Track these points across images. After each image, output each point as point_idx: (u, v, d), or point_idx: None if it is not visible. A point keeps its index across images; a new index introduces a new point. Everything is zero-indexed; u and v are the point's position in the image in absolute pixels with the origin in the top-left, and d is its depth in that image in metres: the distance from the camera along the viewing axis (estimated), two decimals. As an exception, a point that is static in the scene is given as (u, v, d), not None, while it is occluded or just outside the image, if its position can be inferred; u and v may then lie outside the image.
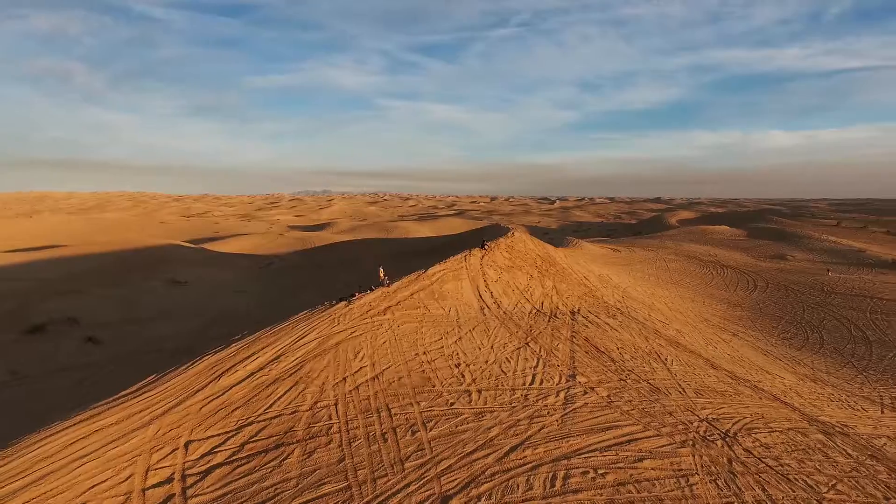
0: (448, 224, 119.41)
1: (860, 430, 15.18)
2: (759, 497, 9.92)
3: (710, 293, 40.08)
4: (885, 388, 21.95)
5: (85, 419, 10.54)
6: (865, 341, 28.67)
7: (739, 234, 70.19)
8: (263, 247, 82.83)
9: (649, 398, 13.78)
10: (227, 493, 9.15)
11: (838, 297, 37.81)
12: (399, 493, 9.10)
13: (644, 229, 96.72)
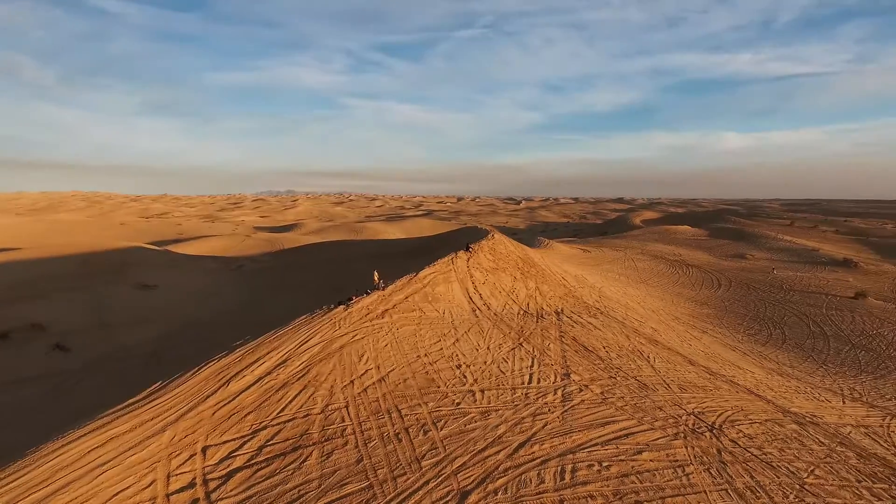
0: (417, 225, 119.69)
1: (828, 420, 16.35)
2: (749, 483, 10.73)
3: (678, 292, 41.68)
4: (843, 381, 23.47)
5: (98, 427, 10.55)
6: (823, 336, 30.46)
7: (701, 234, 72.91)
8: (231, 249, 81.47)
9: (639, 394, 14.56)
10: (252, 496, 9.38)
11: (797, 295, 39.92)
12: (419, 491, 9.51)
13: (610, 229, 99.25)
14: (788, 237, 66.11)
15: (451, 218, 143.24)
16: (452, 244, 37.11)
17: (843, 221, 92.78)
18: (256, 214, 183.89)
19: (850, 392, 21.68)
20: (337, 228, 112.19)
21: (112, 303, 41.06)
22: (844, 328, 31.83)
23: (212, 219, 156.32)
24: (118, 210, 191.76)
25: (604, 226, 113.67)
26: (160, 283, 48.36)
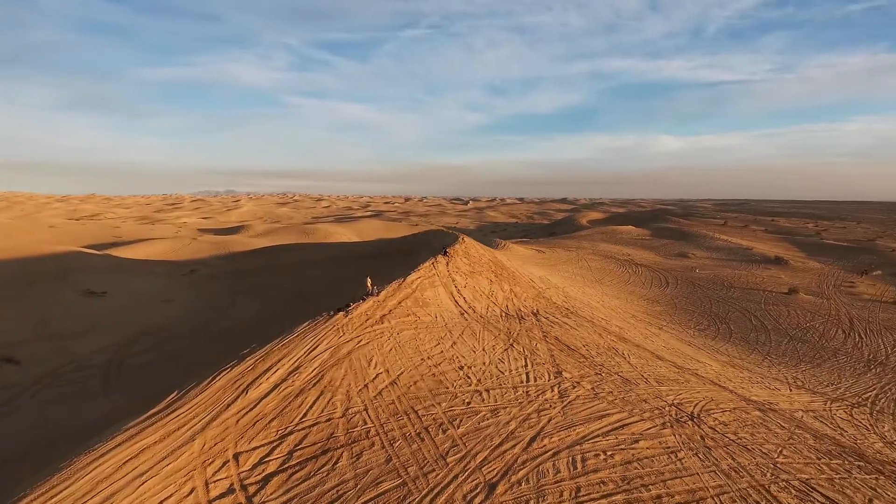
0: (368, 226, 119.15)
1: (783, 407, 18.25)
2: (732, 465, 12.13)
3: (631, 290, 44.05)
4: (787, 370, 25.87)
5: (127, 439, 10.68)
6: (765, 330, 33.21)
7: (645, 234, 76.75)
8: (177, 252, 78.56)
9: (624, 389, 15.85)
10: (292, 499, 9.86)
11: (737, 291, 43.10)
12: (451, 485, 10.28)
13: (558, 229, 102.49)
14: (724, 236, 70.72)
15: (401, 219, 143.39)
16: (418, 247, 37.76)
17: (770, 221, 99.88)
18: (197, 215, 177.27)
19: (794, 380, 23.98)
20: (286, 230, 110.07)
21: (59, 311, 39.22)
22: (782, 322, 34.79)
23: (150, 221, 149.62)
24: (43, 211, 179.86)
25: (552, 226, 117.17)
26: (108, 289, 46.47)
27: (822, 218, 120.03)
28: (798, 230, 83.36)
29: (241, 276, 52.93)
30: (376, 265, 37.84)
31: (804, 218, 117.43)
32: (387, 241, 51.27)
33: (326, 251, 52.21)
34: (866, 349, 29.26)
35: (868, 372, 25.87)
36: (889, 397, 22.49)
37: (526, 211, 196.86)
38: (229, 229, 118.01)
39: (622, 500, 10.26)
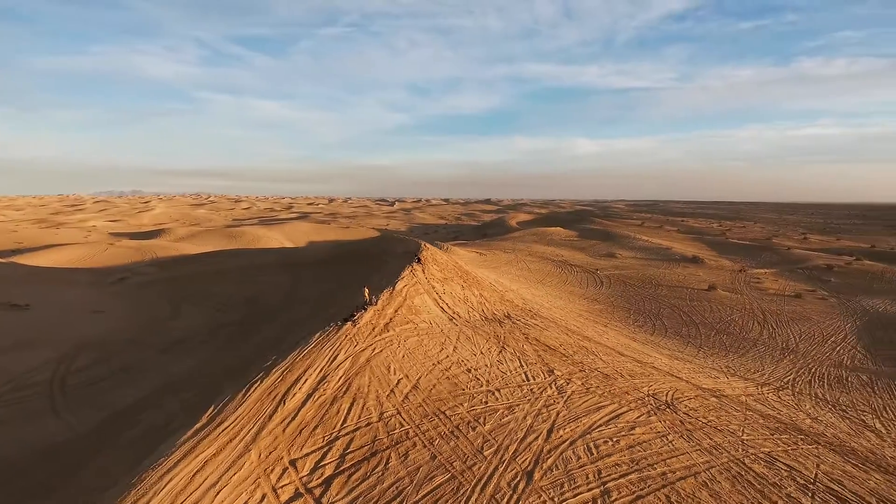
0: (297, 228, 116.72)
1: (729, 393, 21.08)
2: (712, 444, 14.38)
3: (571, 290, 47.11)
4: (719, 360, 29.26)
5: (186, 453, 11.13)
6: (693, 324, 36.99)
7: (573, 235, 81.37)
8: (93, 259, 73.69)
9: (607, 383, 17.89)
10: (357, 498, 10.83)
11: (664, 289, 47.31)
12: (494, 475, 11.66)
13: (489, 231, 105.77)
14: (645, 237, 76.57)
15: (328, 221, 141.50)
16: (379, 254, 38.53)
17: (681, 221, 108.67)
18: (104, 218, 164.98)
19: (728, 369, 27.28)
20: (210, 234, 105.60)
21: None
22: (707, 316, 38.86)
23: (51, 224, 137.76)
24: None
25: (482, 227, 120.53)
26: (31, 301, 43.56)
27: (723, 218, 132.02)
28: (706, 230, 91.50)
29: (180, 284, 51.05)
30: (333, 271, 38.23)
31: (709, 218, 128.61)
32: (339, 247, 51.40)
33: (272, 256, 51.48)
34: (779, 339, 33.51)
35: (784, 359, 29.80)
36: (804, 380, 26.20)
37: (453, 212, 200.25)
38: (147, 233, 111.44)
39: (637, 478, 12.09)
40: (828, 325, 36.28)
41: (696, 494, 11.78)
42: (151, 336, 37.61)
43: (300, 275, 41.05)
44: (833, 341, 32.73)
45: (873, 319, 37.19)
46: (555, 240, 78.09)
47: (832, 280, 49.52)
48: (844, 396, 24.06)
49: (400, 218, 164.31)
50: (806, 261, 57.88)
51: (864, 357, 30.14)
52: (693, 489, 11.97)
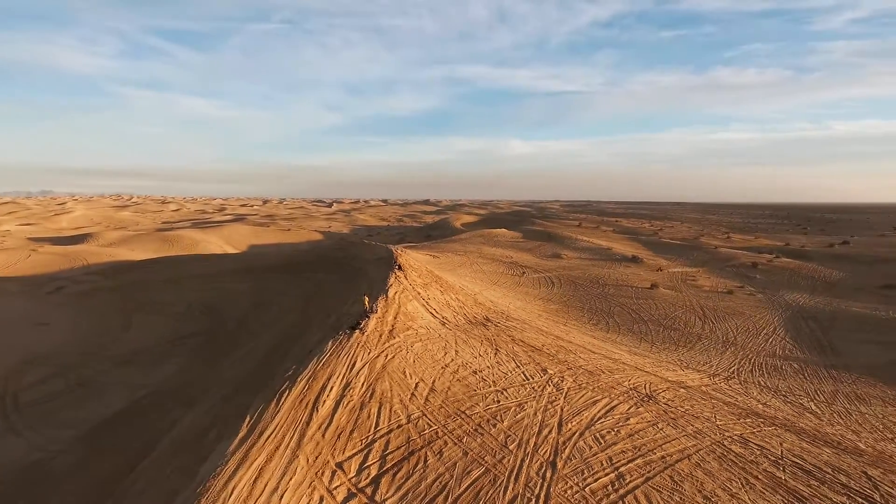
0: (236, 231, 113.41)
1: (691, 384, 23.43)
2: (695, 429, 16.34)
3: (525, 292, 49.20)
4: (671, 354, 31.92)
5: (240, 463, 11.67)
6: (643, 321, 39.84)
7: (518, 237, 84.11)
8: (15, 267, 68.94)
9: (594, 379, 19.63)
10: (407, 494, 11.81)
11: (611, 288, 50.34)
12: (524, 466, 12.96)
13: (434, 233, 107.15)
14: (586, 238, 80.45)
15: (267, 223, 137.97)
16: (342, 260, 38.88)
17: (615, 222, 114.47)
18: (16, 221, 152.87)
19: (681, 362, 29.91)
20: (143, 238, 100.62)
21: (-88, 342, 34.26)
22: (653, 313, 41.90)
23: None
24: None
25: (427, 229, 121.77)
26: (-37, 313, 41.00)
27: (653, 218, 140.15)
28: (639, 230, 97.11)
29: (128, 293, 49.17)
30: (304, 278, 38.23)
31: (640, 218, 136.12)
32: (299, 253, 51.01)
33: (228, 263, 50.39)
34: (719, 333, 36.81)
35: (726, 351, 32.89)
36: (746, 370, 29.17)
37: (393, 213, 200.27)
38: (70, 238, 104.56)
39: (642, 462, 13.75)
40: (759, 318, 40.10)
41: (692, 474, 13.57)
42: (106, 348, 36.32)
43: (263, 282, 40.66)
44: (765, 333, 36.31)
45: (796, 312, 41.48)
46: (501, 241, 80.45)
47: (757, 277, 54.48)
48: (782, 383, 27.07)
49: (341, 220, 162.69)
50: (733, 259, 63.08)
51: (792, 347, 33.74)
52: (689, 469, 13.76)
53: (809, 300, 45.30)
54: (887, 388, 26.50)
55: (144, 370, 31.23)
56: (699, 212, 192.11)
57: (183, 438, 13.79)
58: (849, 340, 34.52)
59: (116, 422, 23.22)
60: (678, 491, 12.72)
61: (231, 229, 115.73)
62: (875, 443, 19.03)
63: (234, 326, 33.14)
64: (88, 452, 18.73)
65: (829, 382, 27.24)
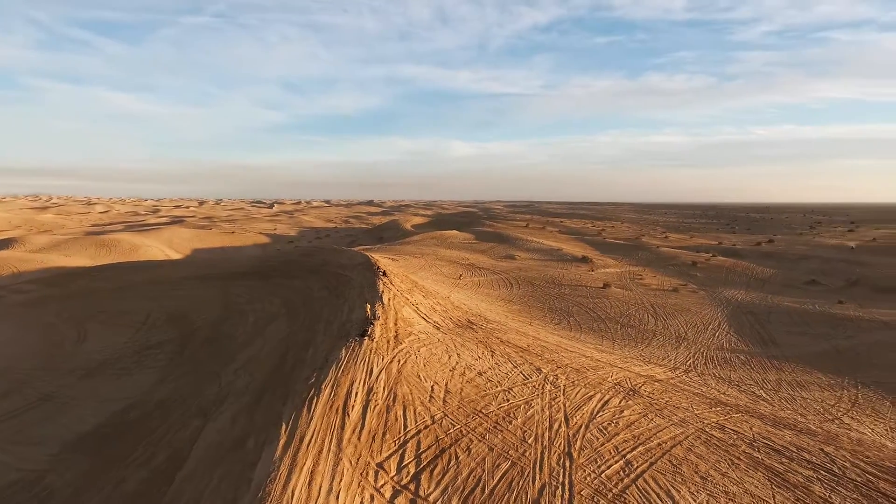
0: (177, 235, 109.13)
1: (660, 378, 25.58)
2: (680, 418, 18.24)
3: (486, 293, 50.82)
4: (632, 351, 34.29)
5: (290, 467, 12.31)
6: (601, 319, 42.29)
7: (470, 238, 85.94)
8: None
9: (582, 376, 21.27)
10: (447, 488, 12.86)
11: (567, 288, 52.83)
12: (544, 458, 14.28)
13: (385, 235, 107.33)
14: (535, 239, 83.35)
15: (208, 226, 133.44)
16: (316, 266, 38.93)
17: (560, 222, 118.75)
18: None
19: (643, 358, 32.24)
20: (76, 243, 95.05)
21: None
22: (609, 312, 44.49)
23: None
24: None
25: (377, 231, 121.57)
26: None
27: (594, 218, 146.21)
28: (584, 230, 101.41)
29: (77, 302, 47.08)
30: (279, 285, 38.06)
31: (582, 219, 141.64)
32: (264, 259, 50.33)
33: (186, 269, 49.05)
34: (671, 329, 39.70)
35: (680, 346, 35.64)
36: (701, 363, 31.86)
37: (338, 214, 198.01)
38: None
39: (643, 450, 15.41)
40: (704, 314, 43.45)
41: (687, 457, 15.34)
42: (64, 361, 34.97)
43: (229, 289, 40.09)
44: (712, 328, 39.50)
45: (736, 308, 45.23)
46: (454, 243, 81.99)
47: (698, 275, 58.66)
48: (734, 374, 29.80)
49: (285, 221, 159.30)
50: (675, 258, 67.44)
51: (737, 340, 36.95)
52: (683, 454, 15.53)
53: (746, 296, 49.40)
54: (821, 375, 29.69)
55: (114, 382, 30.42)
56: (637, 212, 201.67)
57: (217, 448, 14.08)
58: (784, 333, 38.15)
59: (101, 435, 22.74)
60: (678, 473, 14.41)
61: (171, 232, 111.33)
62: (821, 424, 21.68)
63: (208, 335, 32.74)
64: (87, 468, 18.50)
65: (773, 372, 30.17)
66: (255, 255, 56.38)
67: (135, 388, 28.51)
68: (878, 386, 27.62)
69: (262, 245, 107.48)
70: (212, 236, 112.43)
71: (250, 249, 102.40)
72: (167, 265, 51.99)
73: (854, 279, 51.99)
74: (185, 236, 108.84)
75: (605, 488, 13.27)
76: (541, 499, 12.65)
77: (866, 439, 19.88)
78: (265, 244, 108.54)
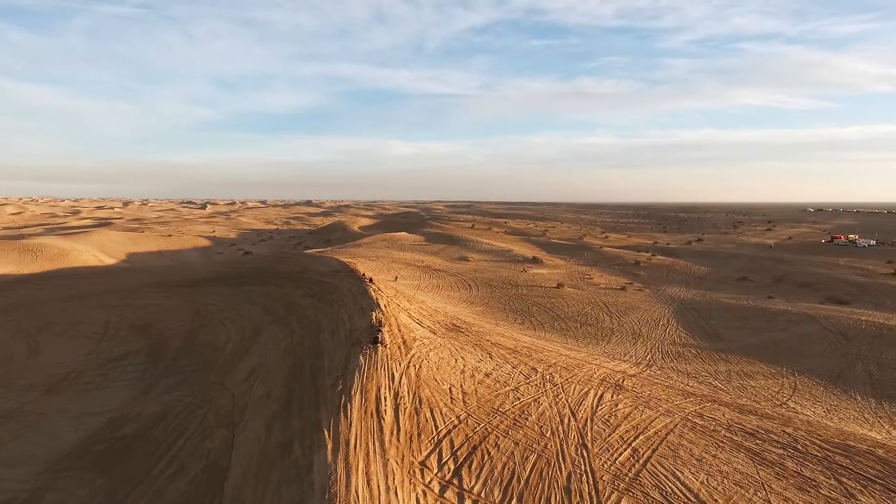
0: (108, 238, 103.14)
1: (631, 373, 27.85)
2: (666, 408, 20.34)
3: (448, 295, 52.19)
4: (596, 348, 36.64)
5: (348, 470, 13.14)
6: (560, 318, 44.60)
7: (420, 240, 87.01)
8: None
9: (573, 374, 23.06)
10: (487, 480, 14.13)
11: (523, 289, 55.07)
12: (564, 449, 15.83)
13: (332, 237, 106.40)
14: (484, 240, 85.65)
15: (140, 228, 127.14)
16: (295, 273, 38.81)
17: (503, 223, 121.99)
18: None
19: (607, 354, 34.60)
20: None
21: None
22: (567, 311, 46.97)
23: None
24: None
25: (323, 233, 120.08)
26: None
27: (535, 219, 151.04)
28: (528, 231, 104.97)
29: (22, 313, 44.60)
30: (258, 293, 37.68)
31: (523, 219, 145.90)
32: (230, 266, 49.20)
33: (142, 277, 47.26)
34: (627, 326, 42.56)
35: (638, 342, 38.41)
36: (659, 357, 34.60)
37: (277, 215, 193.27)
38: None
39: (644, 438, 17.30)
40: (653, 311, 46.76)
41: (680, 443, 17.36)
42: (18, 375, 33.43)
43: (197, 297, 39.25)
44: (662, 324, 42.69)
45: (680, 304, 48.94)
46: (406, 245, 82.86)
47: (641, 273, 62.67)
48: (689, 367, 32.65)
49: (222, 223, 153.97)
50: (619, 258, 71.51)
51: (686, 335, 40.19)
52: (677, 440, 17.56)
53: (687, 293, 53.48)
54: (763, 365, 33.07)
55: (84, 397, 29.50)
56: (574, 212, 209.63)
57: (261, 454, 14.47)
58: (726, 327, 41.83)
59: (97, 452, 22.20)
60: (678, 457, 16.37)
61: (102, 236, 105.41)
62: (774, 409, 24.57)
63: (182, 346, 32.18)
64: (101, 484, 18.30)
65: (723, 364, 33.29)
66: (223, 262, 54.85)
67: (111, 402, 27.78)
68: (811, 373, 31.17)
69: (202, 248, 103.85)
70: (147, 240, 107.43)
71: (190, 253, 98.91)
72: (119, 272, 49.84)
73: (779, 276, 57.54)
74: (118, 240, 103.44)
75: (622, 473, 14.97)
76: (570, 485, 14.17)
77: (813, 420, 22.84)
78: (205, 247, 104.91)
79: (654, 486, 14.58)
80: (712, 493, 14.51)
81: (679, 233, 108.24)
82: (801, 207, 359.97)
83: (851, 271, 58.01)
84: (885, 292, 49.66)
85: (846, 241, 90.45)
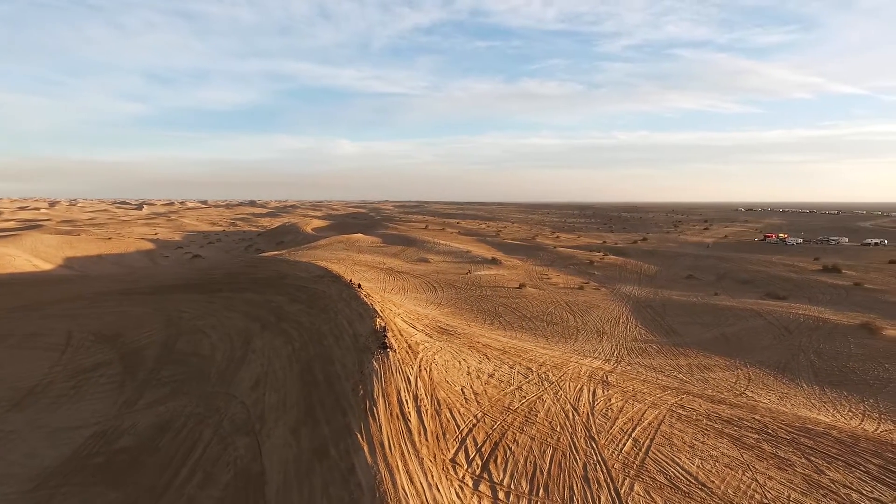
0: (41, 242, 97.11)
1: (607, 368, 29.75)
2: (650, 401, 22.15)
3: (415, 297, 53.02)
4: (567, 346, 38.56)
5: (392, 470, 13.92)
6: (527, 318, 46.39)
7: (377, 242, 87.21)
8: None
9: (562, 371, 24.57)
10: (513, 473, 15.29)
11: (487, 290, 56.64)
12: (575, 442, 17.20)
13: (284, 239, 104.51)
14: (442, 241, 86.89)
15: (75, 231, 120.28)
16: (273, 279, 38.51)
17: (456, 223, 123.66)
18: None
19: (578, 352, 36.55)
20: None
21: None
22: (533, 311, 48.84)
23: None
24: None
25: (275, 235, 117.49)
26: None
27: (486, 219, 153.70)
28: (481, 231, 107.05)
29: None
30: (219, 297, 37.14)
31: (474, 219, 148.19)
32: (200, 272, 47.91)
33: (100, 285, 45.40)
34: (591, 324, 44.83)
35: (603, 339, 40.63)
36: (625, 354, 36.81)
37: (221, 216, 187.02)
38: None
39: (641, 429, 18.97)
40: (612, 309, 49.35)
41: (672, 432, 19.14)
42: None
43: (168, 305, 38.30)
44: (623, 322, 45.20)
45: (636, 303, 51.85)
46: (364, 247, 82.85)
47: (596, 273, 65.66)
48: (654, 361, 35.00)
49: (164, 224, 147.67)
50: (573, 258, 74.47)
51: (645, 331, 42.79)
52: (669, 430, 19.33)
53: (641, 291, 56.65)
54: (719, 358, 35.84)
55: (56, 412, 28.56)
56: (522, 212, 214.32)
57: (297, 459, 14.85)
58: (680, 323, 44.79)
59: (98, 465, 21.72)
60: (673, 444, 18.10)
61: (34, 239, 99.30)
62: (736, 398, 27.00)
63: (161, 354, 31.55)
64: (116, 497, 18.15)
65: (683, 358, 35.86)
66: (193, 267, 53.16)
67: (89, 416, 27.05)
68: (761, 364, 34.14)
69: (146, 252, 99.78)
70: (85, 243, 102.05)
71: (133, 257, 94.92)
72: (73, 280, 47.65)
73: (722, 273, 61.92)
74: (52, 243, 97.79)
75: (629, 462, 16.50)
76: (587, 474, 15.54)
77: (773, 407, 25.36)
78: (149, 251, 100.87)
79: (659, 471, 16.18)
80: (709, 475, 16.28)
81: (625, 232, 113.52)
82: (732, 207, 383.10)
83: (785, 268, 63.11)
84: (816, 287, 54.48)
85: (777, 240, 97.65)
